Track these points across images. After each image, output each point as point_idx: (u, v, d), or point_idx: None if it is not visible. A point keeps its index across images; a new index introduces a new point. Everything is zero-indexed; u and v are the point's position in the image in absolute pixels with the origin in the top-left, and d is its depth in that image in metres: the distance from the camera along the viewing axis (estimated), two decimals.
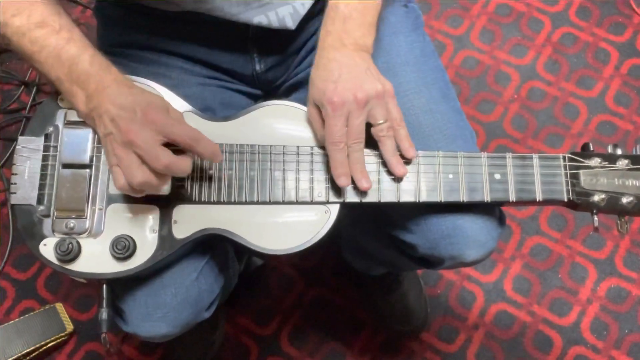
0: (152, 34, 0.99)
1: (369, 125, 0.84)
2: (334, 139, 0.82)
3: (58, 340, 1.47)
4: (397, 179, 0.86)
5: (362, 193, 0.85)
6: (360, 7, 0.86)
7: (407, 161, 0.86)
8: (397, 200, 0.86)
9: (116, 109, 0.79)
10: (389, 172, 0.86)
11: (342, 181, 0.83)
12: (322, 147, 0.87)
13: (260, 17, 0.93)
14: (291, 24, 0.95)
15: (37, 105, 1.74)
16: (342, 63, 0.84)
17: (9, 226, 1.60)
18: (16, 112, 1.74)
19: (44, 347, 1.45)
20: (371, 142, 0.85)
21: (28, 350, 1.43)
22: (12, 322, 1.46)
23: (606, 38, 1.79)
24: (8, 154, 1.67)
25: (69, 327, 1.48)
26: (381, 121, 0.83)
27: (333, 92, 0.82)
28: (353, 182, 0.84)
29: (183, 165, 0.80)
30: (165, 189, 0.82)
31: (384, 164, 0.86)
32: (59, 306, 1.50)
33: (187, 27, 0.97)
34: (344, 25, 0.85)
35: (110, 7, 1.01)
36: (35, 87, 1.75)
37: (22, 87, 1.75)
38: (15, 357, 1.42)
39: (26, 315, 1.48)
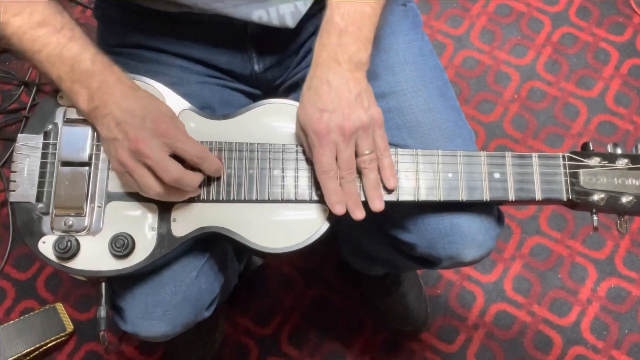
0: (151, 34, 0.99)
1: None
2: (324, 167, 0.82)
3: (58, 340, 1.47)
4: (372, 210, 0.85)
5: (360, 193, 0.85)
6: (357, 21, 0.84)
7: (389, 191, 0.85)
8: (396, 199, 0.85)
9: (122, 113, 0.79)
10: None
11: (337, 209, 0.82)
12: None
13: (261, 12, 0.93)
14: (291, 22, 0.95)
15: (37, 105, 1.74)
16: (333, 88, 0.82)
17: (9, 226, 1.60)
18: (16, 112, 1.75)
19: (44, 347, 1.45)
20: None
21: (28, 350, 1.43)
22: (12, 322, 1.46)
23: (606, 38, 1.79)
24: (8, 154, 1.67)
25: (69, 327, 1.48)
26: (367, 152, 0.82)
27: (318, 122, 0.81)
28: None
29: (194, 180, 0.81)
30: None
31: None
32: (59, 306, 1.50)
33: (185, 27, 0.98)
34: (339, 39, 0.83)
35: (110, 7, 1.01)
36: (35, 87, 1.75)
37: (22, 87, 1.75)
38: (15, 357, 1.42)
39: (26, 315, 1.47)
